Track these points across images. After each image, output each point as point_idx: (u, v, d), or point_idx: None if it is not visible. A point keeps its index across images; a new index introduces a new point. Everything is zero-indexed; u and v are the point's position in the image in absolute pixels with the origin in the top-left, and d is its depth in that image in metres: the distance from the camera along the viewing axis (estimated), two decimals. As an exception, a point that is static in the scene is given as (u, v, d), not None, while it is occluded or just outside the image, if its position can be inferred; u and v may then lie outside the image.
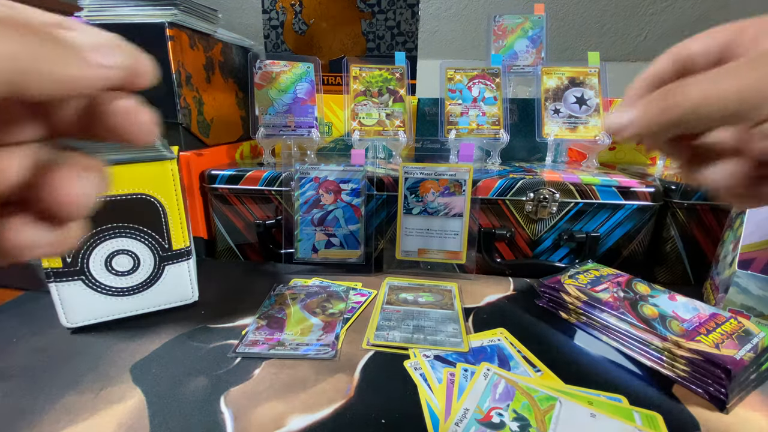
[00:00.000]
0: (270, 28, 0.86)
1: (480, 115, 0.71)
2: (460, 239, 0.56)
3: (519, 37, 0.82)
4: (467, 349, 0.40)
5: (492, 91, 0.72)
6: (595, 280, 0.47)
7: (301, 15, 0.85)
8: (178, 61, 0.60)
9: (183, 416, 0.32)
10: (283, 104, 0.69)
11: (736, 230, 0.46)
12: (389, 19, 0.84)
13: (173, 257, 0.45)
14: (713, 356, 0.33)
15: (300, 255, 0.58)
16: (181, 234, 0.45)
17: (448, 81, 0.73)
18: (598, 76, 0.72)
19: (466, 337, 0.42)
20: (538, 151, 0.79)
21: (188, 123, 0.64)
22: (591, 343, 0.42)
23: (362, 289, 0.53)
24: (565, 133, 0.71)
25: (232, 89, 0.78)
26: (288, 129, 0.69)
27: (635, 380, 0.37)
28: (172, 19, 0.58)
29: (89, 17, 0.59)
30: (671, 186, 0.56)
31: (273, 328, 0.43)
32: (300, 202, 0.57)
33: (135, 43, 0.16)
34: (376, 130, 0.70)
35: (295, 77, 0.70)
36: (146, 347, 0.40)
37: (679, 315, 0.40)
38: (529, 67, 0.81)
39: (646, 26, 1.17)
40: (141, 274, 0.44)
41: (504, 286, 0.55)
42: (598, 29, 1.18)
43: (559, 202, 0.57)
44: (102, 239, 0.41)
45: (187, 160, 0.62)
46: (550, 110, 0.72)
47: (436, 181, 0.56)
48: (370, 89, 0.71)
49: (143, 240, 0.43)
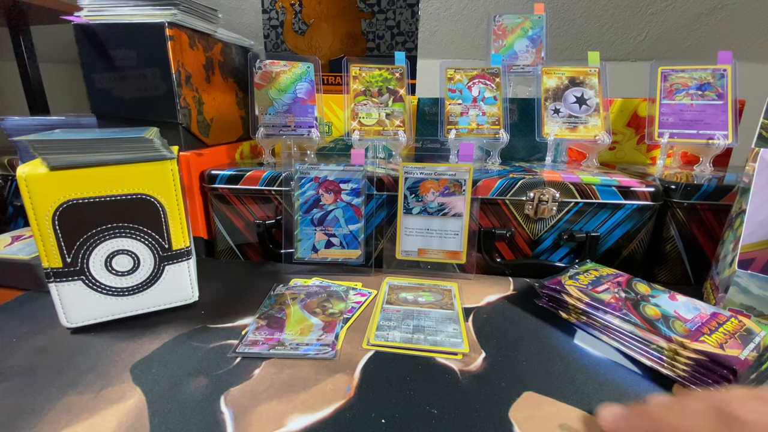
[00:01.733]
0: (270, 27, 0.86)
1: (480, 115, 0.71)
2: (460, 239, 0.56)
3: (519, 36, 0.82)
4: (467, 349, 0.40)
5: (492, 91, 0.72)
6: (595, 281, 0.47)
7: (301, 15, 0.85)
8: (178, 61, 0.60)
9: (183, 416, 0.32)
10: (283, 104, 0.69)
11: (736, 230, 0.46)
12: (389, 19, 0.84)
13: (173, 257, 0.45)
14: (719, 357, 0.33)
15: (300, 255, 0.58)
16: (181, 234, 0.45)
17: (448, 81, 0.73)
18: (598, 76, 0.72)
19: (466, 337, 0.42)
20: (538, 151, 0.79)
21: (188, 123, 0.64)
22: (591, 342, 0.42)
23: (362, 289, 0.53)
24: (565, 133, 0.70)
25: (232, 89, 0.78)
26: (288, 129, 0.69)
27: (635, 379, 0.37)
28: (171, 19, 0.58)
29: (89, 17, 0.59)
30: (671, 186, 0.56)
31: (273, 328, 0.43)
32: (300, 202, 0.57)
33: (135, 43, 0.16)
34: (376, 130, 0.70)
35: (295, 77, 0.70)
36: (146, 347, 0.40)
37: (681, 315, 0.40)
38: (529, 67, 0.81)
39: (646, 26, 1.16)
40: (141, 274, 0.44)
41: (504, 285, 0.55)
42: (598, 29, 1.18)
43: (559, 202, 0.57)
44: (102, 239, 0.41)
45: (187, 160, 0.62)
46: (550, 110, 0.71)
47: (436, 181, 0.56)
48: (370, 89, 0.71)
49: (143, 240, 0.43)
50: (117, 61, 0.60)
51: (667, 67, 0.70)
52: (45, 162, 0.38)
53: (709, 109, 0.67)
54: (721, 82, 0.67)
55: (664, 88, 0.70)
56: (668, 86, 0.70)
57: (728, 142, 0.66)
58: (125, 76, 0.61)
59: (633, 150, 0.79)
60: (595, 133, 0.70)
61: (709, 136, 0.67)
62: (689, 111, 0.69)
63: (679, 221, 0.57)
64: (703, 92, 0.68)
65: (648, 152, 0.79)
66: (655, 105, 0.71)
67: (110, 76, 0.61)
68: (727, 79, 0.67)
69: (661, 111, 0.70)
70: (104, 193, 0.40)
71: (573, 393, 0.35)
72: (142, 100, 0.62)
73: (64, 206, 0.39)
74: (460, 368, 0.38)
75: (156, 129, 0.46)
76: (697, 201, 0.55)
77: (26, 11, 0.92)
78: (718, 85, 0.68)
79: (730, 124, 0.66)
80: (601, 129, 0.70)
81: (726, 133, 0.66)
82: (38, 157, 0.39)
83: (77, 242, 0.40)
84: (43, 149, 0.38)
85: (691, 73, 0.69)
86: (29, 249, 0.54)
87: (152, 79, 0.60)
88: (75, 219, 0.39)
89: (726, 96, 0.67)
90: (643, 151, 0.79)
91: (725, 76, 0.67)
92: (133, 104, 0.62)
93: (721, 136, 0.66)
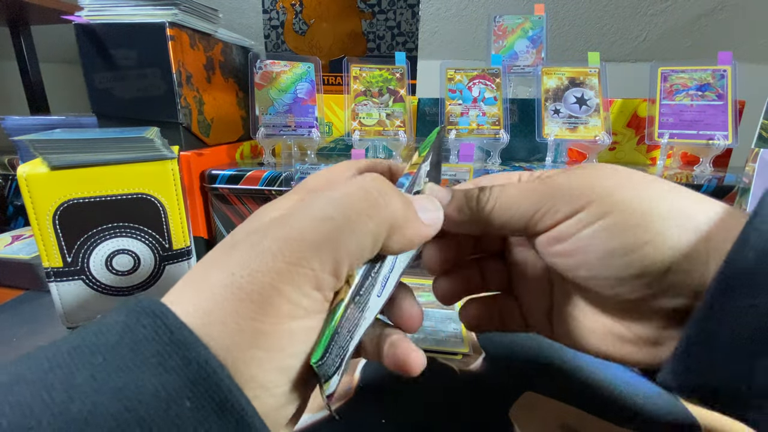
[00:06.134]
0: (270, 28, 0.86)
1: (480, 115, 0.71)
2: (461, 239, 0.56)
3: (519, 37, 0.82)
4: (467, 349, 0.40)
5: (492, 91, 0.72)
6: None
7: (301, 15, 0.85)
8: (179, 61, 0.60)
9: (183, 416, 0.31)
10: (283, 104, 0.69)
11: (736, 230, 0.46)
12: (389, 19, 0.84)
13: (173, 257, 0.45)
14: None
15: (300, 255, 0.58)
16: (182, 234, 0.45)
17: (448, 81, 0.73)
18: (598, 76, 0.72)
19: (466, 337, 0.42)
20: (538, 151, 0.79)
21: (189, 123, 0.64)
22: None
23: (362, 289, 0.53)
24: (565, 134, 0.71)
25: (233, 89, 0.78)
26: (288, 129, 0.69)
27: (635, 378, 0.37)
28: (172, 19, 0.58)
29: (90, 17, 0.59)
30: (671, 186, 0.56)
31: (273, 328, 0.43)
32: (300, 201, 0.57)
33: (135, 43, 0.16)
34: (377, 130, 0.70)
35: (296, 77, 0.70)
36: (146, 347, 0.40)
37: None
38: (529, 68, 0.81)
39: (646, 26, 1.17)
40: (141, 274, 0.44)
41: (504, 286, 0.55)
42: (598, 29, 1.18)
43: (560, 202, 0.57)
44: (102, 239, 0.41)
45: (187, 160, 0.62)
46: (550, 110, 0.72)
47: (436, 181, 0.56)
48: (371, 89, 0.71)
49: (143, 240, 0.43)
50: (118, 60, 0.60)
51: (667, 68, 0.71)
52: (45, 161, 0.38)
53: (709, 110, 0.68)
54: (721, 82, 0.67)
55: (664, 88, 0.70)
56: (668, 87, 0.70)
57: (728, 142, 0.66)
58: (126, 75, 0.61)
59: (633, 150, 0.79)
60: (595, 134, 0.70)
61: (709, 136, 0.67)
62: (689, 111, 0.69)
63: (679, 222, 0.57)
64: (703, 93, 0.68)
65: (648, 153, 0.79)
66: (655, 106, 0.71)
67: (111, 76, 0.61)
68: (727, 79, 0.67)
69: (661, 111, 0.70)
70: (105, 192, 0.40)
71: (573, 393, 0.35)
72: (143, 100, 0.62)
73: (64, 206, 0.39)
74: (460, 368, 0.38)
75: (156, 129, 0.46)
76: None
77: (26, 11, 0.92)
78: (718, 86, 0.68)
79: (730, 125, 0.66)
80: (601, 129, 0.70)
81: (726, 134, 0.66)
82: (39, 157, 0.39)
83: (78, 242, 0.40)
84: (43, 149, 0.38)
85: (691, 74, 0.69)
86: (29, 248, 0.54)
87: (153, 79, 0.61)
88: (75, 218, 0.39)
89: (726, 96, 0.67)
90: (643, 151, 0.79)
91: (725, 77, 0.67)
92: (133, 104, 0.62)
93: (721, 137, 0.66)
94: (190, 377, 0.14)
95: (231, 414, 0.14)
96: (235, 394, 0.14)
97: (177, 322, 0.14)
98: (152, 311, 0.15)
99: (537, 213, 0.21)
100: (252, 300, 0.15)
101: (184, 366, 0.14)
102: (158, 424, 0.13)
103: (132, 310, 0.15)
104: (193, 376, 0.14)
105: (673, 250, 0.18)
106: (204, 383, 0.14)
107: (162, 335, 0.14)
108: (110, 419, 0.12)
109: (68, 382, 0.13)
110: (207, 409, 0.14)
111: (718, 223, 0.18)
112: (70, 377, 0.13)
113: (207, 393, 0.14)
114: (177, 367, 0.14)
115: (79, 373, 0.13)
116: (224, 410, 0.14)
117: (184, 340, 0.14)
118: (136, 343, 0.14)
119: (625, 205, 0.19)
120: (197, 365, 0.14)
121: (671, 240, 0.18)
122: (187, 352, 0.14)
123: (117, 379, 0.13)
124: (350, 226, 0.17)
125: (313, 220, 0.17)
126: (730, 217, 0.18)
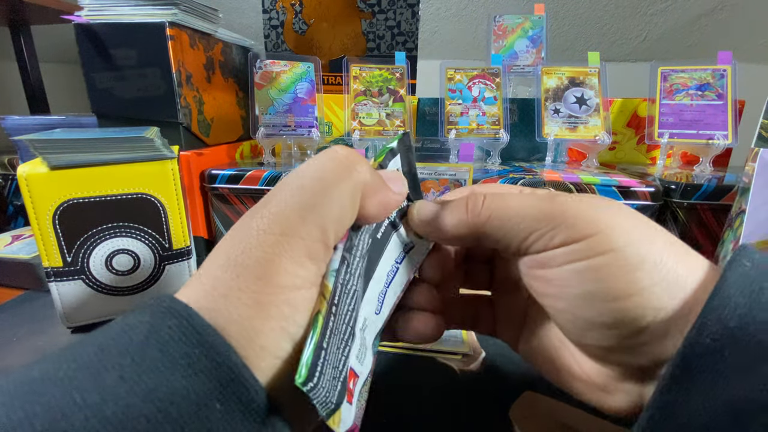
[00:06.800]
0: (270, 27, 0.86)
1: (480, 115, 0.71)
2: (460, 239, 0.56)
3: (519, 37, 0.82)
4: (467, 349, 0.40)
5: (492, 91, 0.72)
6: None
7: (301, 15, 0.85)
8: (179, 61, 0.60)
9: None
10: (283, 104, 0.69)
11: (736, 230, 0.46)
12: (389, 19, 0.84)
13: (173, 257, 0.45)
14: None
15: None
16: (182, 233, 0.45)
17: (448, 81, 0.73)
18: (598, 76, 0.72)
19: (466, 337, 0.42)
20: (538, 151, 0.79)
21: (189, 123, 0.64)
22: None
23: (362, 289, 0.53)
24: (565, 133, 0.71)
25: (233, 89, 0.78)
26: (288, 129, 0.69)
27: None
28: (172, 19, 0.58)
29: (90, 17, 0.59)
30: (671, 185, 0.56)
31: (273, 328, 0.43)
32: (300, 201, 0.57)
33: (135, 43, 0.16)
34: (377, 130, 0.70)
35: (296, 77, 0.70)
36: (146, 347, 0.40)
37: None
38: (529, 67, 0.81)
39: (646, 27, 1.17)
40: (141, 274, 0.44)
41: (504, 285, 0.55)
42: (598, 29, 1.18)
43: (559, 202, 0.57)
44: (102, 238, 0.41)
45: (187, 160, 0.62)
46: (550, 110, 0.72)
47: (436, 181, 0.56)
48: (371, 89, 0.71)
49: (143, 239, 0.43)
50: (117, 60, 0.60)
51: (666, 68, 0.71)
52: (45, 161, 0.38)
53: (709, 110, 0.68)
54: (721, 82, 0.67)
55: (663, 88, 0.70)
56: (668, 86, 0.70)
57: (728, 142, 0.66)
58: (126, 75, 0.61)
59: (633, 150, 0.79)
60: (595, 134, 0.70)
61: (709, 136, 0.67)
62: (689, 111, 0.69)
63: (679, 221, 0.57)
64: (703, 92, 0.68)
65: (648, 152, 0.79)
66: (654, 105, 0.71)
67: (111, 76, 0.61)
68: (727, 79, 0.67)
69: (661, 111, 0.70)
70: (105, 192, 0.40)
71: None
72: (143, 99, 0.62)
73: (64, 205, 0.39)
74: (460, 368, 0.38)
75: (156, 129, 0.46)
76: (697, 201, 0.55)
77: (26, 11, 0.92)
78: (718, 86, 0.68)
79: (729, 125, 0.66)
80: (601, 129, 0.70)
81: (726, 134, 0.66)
82: (39, 157, 0.39)
83: (77, 241, 0.40)
84: (43, 148, 0.38)
85: (690, 74, 0.69)
86: (29, 248, 0.54)
87: (153, 79, 0.60)
88: (75, 218, 0.40)
89: (726, 96, 0.67)
90: (643, 151, 0.79)
91: (725, 77, 0.67)
92: (133, 104, 0.62)
93: (720, 136, 0.66)
94: (220, 380, 0.14)
95: (257, 414, 0.15)
96: (260, 395, 0.15)
97: (202, 322, 0.15)
98: (177, 311, 0.15)
99: (535, 232, 0.19)
100: (249, 274, 0.16)
101: (214, 369, 0.14)
102: (189, 425, 0.13)
103: (156, 310, 0.15)
104: (224, 379, 0.14)
105: (656, 312, 0.17)
106: (232, 385, 0.14)
107: (190, 336, 0.14)
108: (144, 421, 0.13)
109: (98, 383, 0.13)
110: (235, 411, 0.14)
111: (698, 297, 0.17)
112: (99, 378, 0.13)
113: (235, 395, 0.14)
114: (206, 370, 0.14)
115: (107, 374, 0.13)
116: (250, 411, 0.15)
117: (212, 343, 0.15)
118: (163, 344, 0.14)
119: (624, 251, 0.18)
120: (227, 369, 0.14)
121: (657, 302, 0.17)
122: (216, 356, 0.14)
123: (148, 381, 0.13)
124: (327, 189, 0.18)
125: (291, 190, 0.18)
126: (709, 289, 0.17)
